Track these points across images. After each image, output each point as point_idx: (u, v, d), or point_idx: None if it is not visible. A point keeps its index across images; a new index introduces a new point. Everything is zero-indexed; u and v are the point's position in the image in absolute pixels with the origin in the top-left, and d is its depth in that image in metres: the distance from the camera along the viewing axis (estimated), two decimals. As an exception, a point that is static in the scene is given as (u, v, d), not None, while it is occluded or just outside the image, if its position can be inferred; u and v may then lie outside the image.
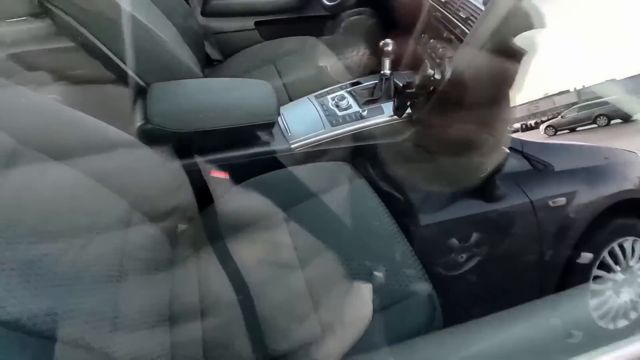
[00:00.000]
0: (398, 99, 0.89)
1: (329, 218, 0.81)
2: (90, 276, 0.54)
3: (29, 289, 0.44)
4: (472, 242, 0.99)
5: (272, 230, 0.79)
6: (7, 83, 0.60)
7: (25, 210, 0.50)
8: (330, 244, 0.75)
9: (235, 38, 1.53)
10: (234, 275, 0.71)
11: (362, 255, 0.72)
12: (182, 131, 0.82)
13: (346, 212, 0.81)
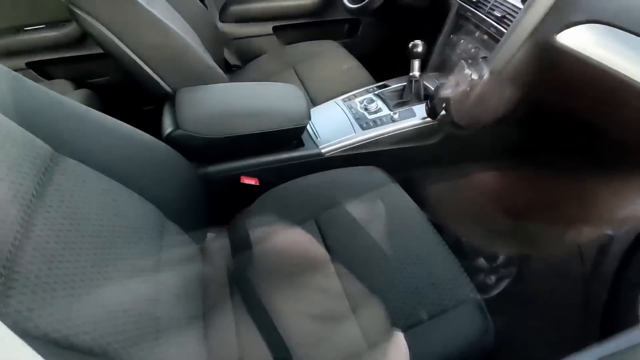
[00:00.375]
0: (432, 101, 0.86)
1: (363, 224, 0.78)
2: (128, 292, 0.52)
3: (74, 310, 0.42)
4: (502, 263, 0.95)
5: (307, 245, 0.75)
6: (43, 89, 0.58)
7: (68, 222, 0.47)
8: (365, 254, 0.71)
9: (253, 43, 1.52)
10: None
11: (407, 271, 0.68)
12: (213, 137, 0.80)
13: (382, 218, 0.78)
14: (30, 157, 0.47)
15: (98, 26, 0.79)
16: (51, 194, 0.47)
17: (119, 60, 0.85)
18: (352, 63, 1.30)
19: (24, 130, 0.50)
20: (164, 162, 0.71)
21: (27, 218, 0.43)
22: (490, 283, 0.87)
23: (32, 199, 0.45)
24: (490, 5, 0.92)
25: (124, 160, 0.63)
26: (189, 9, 1.13)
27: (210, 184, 0.85)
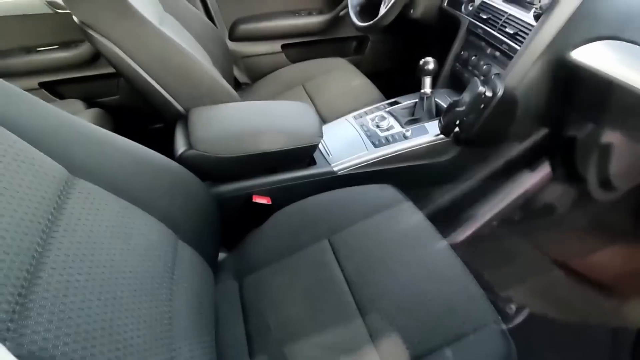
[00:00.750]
0: (445, 118, 0.85)
1: (377, 243, 0.76)
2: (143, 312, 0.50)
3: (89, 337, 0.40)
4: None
5: (319, 264, 0.74)
6: (56, 110, 0.58)
7: (82, 246, 0.46)
8: (380, 275, 0.70)
9: (262, 61, 1.54)
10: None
11: (425, 294, 0.66)
12: (225, 156, 0.80)
13: (396, 237, 0.77)
14: (47, 181, 0.47)
15: (111, 46, 0.79)
16: (67, 218, 0.47)
17: (131, 80, 0.85)
18: (361, 80, 1.30)
19: (39, 153, 0.49)
20: (176, 182, 0.70)
21: (42, 243, 0.42)
22: (511, 312, 0.84)
23: (48, 223, 0.44)
24: (502, 22, 0.92)
25: (136, 181, 0.63)
26: (199, 28, 1.14)
27: (222, 203, 0.84)
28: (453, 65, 1.11)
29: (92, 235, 0.49)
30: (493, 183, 1.02)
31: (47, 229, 0.43)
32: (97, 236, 0.50)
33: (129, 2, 0.76)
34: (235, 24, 1.48)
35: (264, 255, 0.78)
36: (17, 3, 1.22)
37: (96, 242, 0.49)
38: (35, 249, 0.41)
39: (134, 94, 1.00)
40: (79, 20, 0.77)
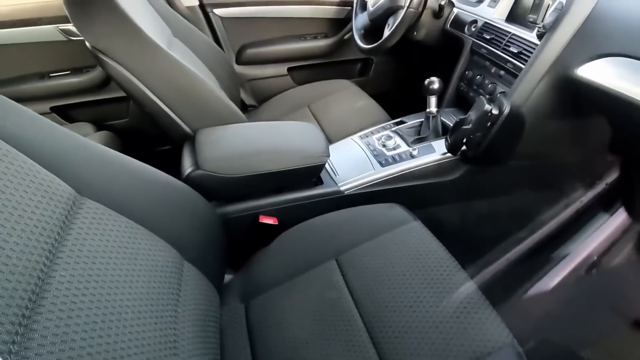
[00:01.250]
0: (452, 136, 0.85)
1: (386, 263, 0.75)
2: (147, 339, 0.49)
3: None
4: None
5: (327, 285, 0.72)
6: (67, 131, 0.58)
7: (88, 267, 0.46)
8: (389, 296, 0.68)
9: (269, 84, 1.56)
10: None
11: (435, 315, 0.64)
12: (232, 176, 0.80)
13: (405, 257, 0.75)
14: (55, 201, 0.47)
15: (122, 70, 0.81)
16: (73, 238, 0.46)
17: (141, 103, 0.86)
18: (366, 100, 1.31)
19: (48, 173, 0.49)
20: (183, 203, 0.70)
21: (48, 264, 0.41)
22: (527, 334, 0.81)
23: (55, 243, 0.44)
24: (506, 41, 0.93)
25: (144, 201, 0.63)
26: (206, 52, 1.17)
27: (228, 223, 0.84)
28: (458, 84, 1.12)
29: (98, 256, 0.49)
30: (502, 203, 1.01)
31: (54, 249, 0.43)
32: (102, 257, 0.49)
33: (140, 28, 0.79)
34: (242, 49, 1.52)
35: (271, 276, 0.76)
36: (32, 31, 1.26)
37: (102, 263, 0.49)
38: (41, 269, 0.40)
39: (143, 116, 1.02)
40: (92, 46, 0.79)
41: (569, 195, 0.99)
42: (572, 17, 0.76)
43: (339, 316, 0.66)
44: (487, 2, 1.06)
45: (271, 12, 1.49)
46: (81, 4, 0.76)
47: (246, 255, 0.84)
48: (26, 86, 1.31)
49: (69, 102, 1.37)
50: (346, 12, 1.52)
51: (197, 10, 1.40)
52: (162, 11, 1.05)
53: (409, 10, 1.02)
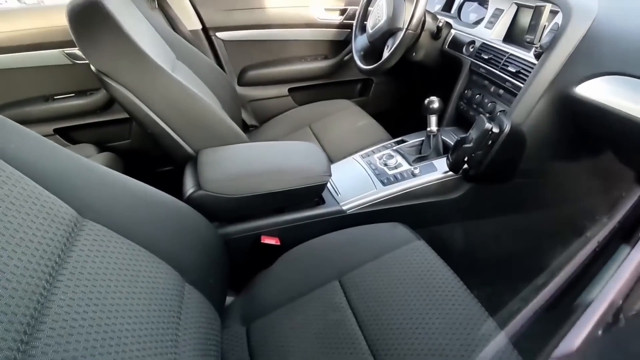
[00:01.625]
0: (454, 155, 0.85)
1: (389, 284, 0.74)
2: None
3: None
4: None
5: (330, 306, 0.71)
6: (69, 153, 0.59)
7: (88, 290, 0.45)
8: (394, 318, 0.67)
9: (270, 104, 1.58)
10: None
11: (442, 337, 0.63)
12: (234, 196, 0.79)
13: (409, 277, 0.74)
14: (56, 223, 0.47)
15: (126, 93, 0.82)
16: (74, 261, 0.46)
17: (143, 124, 0.87)
18: (367, 120, 1.32)
19: (50, 195, 0.49)
20: (185, 224, 0.69)
21: (48, 287, 0.41)
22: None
23: (55, 265, 0.43)
24: (504, 61, 0.94)
25: (145, 223, 0.62)
26: (209, 74, 1.18)
27: (230, 244, 0.83)
28: (458, 103, 1.13)
29: (98, 279, 0.48)
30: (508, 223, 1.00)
31: (54, 272, 0.43)
32: (103, 280, 0.49)
33: (145, 51, 0.80)
34: (243, 70, 1.54)
35: (273, 298, 0.75)
36: (38, 55, 1.28)
37: (102, 285, 0.48)
38: (40, 292, 0.40)
39: (145, 137, 1.03)
40: (96, 69, 0.81)
41: (578, 219, 0.98)
42: (568, 37, 0.78)
43: (342, 338, 0.65)
44: (484, 24, 1.08)
45: (272, 35, 1.52)
46: (87, 28, 0.78)
47: (248, 276, 0.83)
48: (30, 109, 1.33)
49: (72, 124, 1.39)
50: (345, 35, 1.55)
51: (200, 34, 1.43)
52: (166, 35, 1.07)
53: (407, 32, 1.05)
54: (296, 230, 0.88)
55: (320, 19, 1.52)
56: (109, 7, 0.78)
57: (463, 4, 1.24)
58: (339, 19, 1.53)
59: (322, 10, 1.51)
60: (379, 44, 1.20)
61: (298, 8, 1.49)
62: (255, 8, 1.47)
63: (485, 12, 1.10)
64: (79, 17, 0.78)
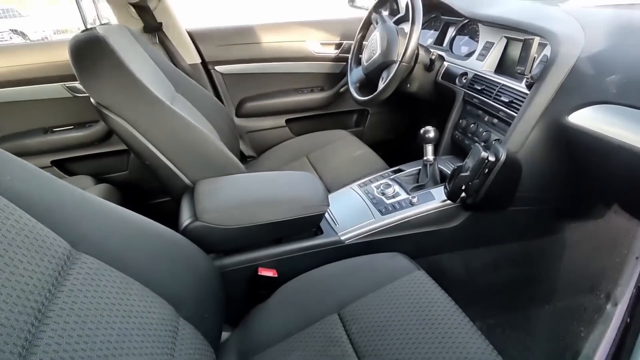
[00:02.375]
0: (451, 183, 0.85)
1: (390, 317, 0.72)
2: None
3: None
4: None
5: (329, 341, 0.69)
6: (65, 184, 0.58)
7: (79, 326, 0.44)
8: (395, 352, 0.64)
9: (267, 135, 1.60)
10: None
11: None
12: (231, 227, 0.79)
13: (410, 309, 0.72)
14: (48, 256, 0.46)
15: (125, 125, 0.83)
16: (65, 295, 0.44)
17: (141, 156, 0.87)
18: (363, 150, 1.34)
19: (43, 227, 0.49)
20: (181, 256, 0.68)
21: (37, 324, 0.39)
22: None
23: (45, 300, 0.42)
24: (496, 92, 0.96)
25: (140, 255, 0.61)
26: (207, 106, 1.20)
27: (226, 276, 0.81)
28: (453, 133, 1.14)
29: (90, 314, 0.46)
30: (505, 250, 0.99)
31: (43, 307, 0.41)
32: (94, 315, 0.47)
33: (145, 84, 0.82)
34: (242, 102, 1.57)
35: (270, 332, 0.73)
36: (38, 89, 1.31)
37: (93, 321, 0.46)
38: (29, 329, 0.38)
39: (143, 169, 1.03)
40: (96, 102, 0.82)
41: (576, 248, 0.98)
42: (558, 69, 0.80)
43: None
44: (475, 56, 1.11)
45: (269, 68, 1.56)
46: (89, 62, 0.79)
47: (244, 310, 0.81)
48: (29, 141, 1.34)
49: (69, 155, 1.39)
50: (341, 67, 1.59)
51: (200, 67, 1.47)
52: (165, 69, 1.10)
53: (401, 64, 1.07)
54: (294, 261, 0.86)
55: (317, 53, 1.56)
56: (111, 42, 0.80)
57: (454, 38, 1.28)
58: (334, 53, 1.58)
59: (318, 44, 1.56)
60: (374, 76, 1.23)
61: (294, 43, 1.54)
62: (253, 43, 1.51)
63: (476, 45, 1.14)
64: (81, 52, 0.80)
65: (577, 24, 0.85)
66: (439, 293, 0.74)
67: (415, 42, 1.05)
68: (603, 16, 0.90)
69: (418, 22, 1.04)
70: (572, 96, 0.78)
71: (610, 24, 0.84)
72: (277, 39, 1.53)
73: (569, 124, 0.77)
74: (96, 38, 0.80)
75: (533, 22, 0.90)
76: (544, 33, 0.86)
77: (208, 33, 1.50)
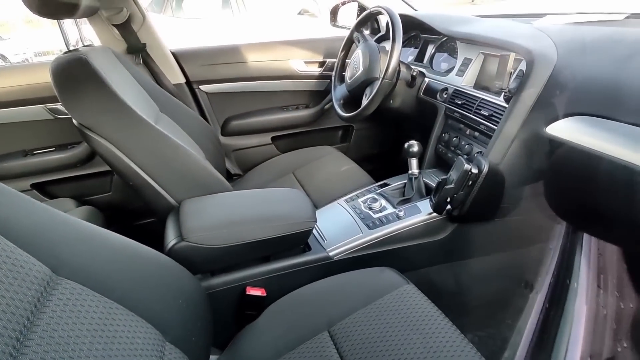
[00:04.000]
0: (436, 196, 0.86)
1: (381, 332, 0.71)
2: None
3: None
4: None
5: (320, 358, 0.68)
6: (46, 208, 0.57)
7: (59, 355, 0.42)
8: None
9: (253, 153, 1.60)
10: None
11: None
12: (218, 246, 0.77)
13: (401, 323, 0.72)
14: (27, 282, 0.44)
15: (108, 146, 0.82)
16: (44, 322, 0.43)
17: (125, 176, 0.86)
18: (349, 165, 1.35)
19: (22, 253, 0.47)
20: (166, 278, 0.67)
21: (15, 353, 0.38)
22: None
23: (24, 329, 0.40)
24: (476, 106, 0.99)
25: (124, 278, 0.60)
26: (192, 125, 1.20)
27: (213, 297, 0.79)
28: (436, 146, 1.16)
29: (70, 342, 0.45)
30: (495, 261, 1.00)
31: (22, 336, 0.40)
32: (75, 343, 0.45)
33: (128, 104, 0.81)
34: (227, 121, 1.57)
35: (259, 354, 0.71)
36: (19, 111, 1.28)
37: (74, 350, 0.44)
38: (6, 359, 0.36)
39: (126, 189, 1.01)
40: (78, 123, 0.81)
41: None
42: (533, 83, 0.83)
43: None
44: (454, 72, 1.15)
45: (254, 87, 1.57)
46: (72, 83, 0.79)
47: (232, 332, 0.79)
48: (8, 164, 1.30)
49: (50, 178, 1.36)
50: (325, 85, 1.62)
51: (184, 87, 1.47)
52: (149, 89, 1.10)
53: (384, 81, 1.10)
54: (282, 279, 0.85)
55: (301, 71, 1.58)
56: (94, 63, 0.80)
57: (434, 55, 1.32)
58: (318, 71, 1.60)
59: (302, 63, 1.58)
60: (357, 92, 1.25)
61: (279, 61, 1.56)
62: (237, 62, 1.53)
63: (455, 62, 1.17)
64: (63, 73, 0.79)
65: (549, 41, 0.88)
66: (429, 306, 0.74)
67: (396, 59, 1.08)
68: (574, 33, 0.94)
69: (399, 40, 1.07)
70: (549, 108, 0.80)
71: (581, 40, 0.88)
72: (261, 58, 1.55)
73: (548, 136, 0.79)
74: (79, 59, 0.79)
75: (508, 40, 0.94)
76: (519, 49, 0.89)
77: (192, 53, 1.51)
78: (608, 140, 0.67)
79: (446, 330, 0.68)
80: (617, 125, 0.68)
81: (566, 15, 1.20)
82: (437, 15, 1.31)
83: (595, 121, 0.71)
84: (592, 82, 0.75)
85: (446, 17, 1.28)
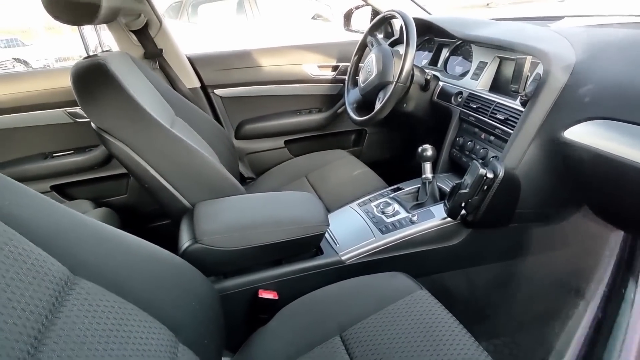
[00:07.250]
0: (450, 201, 0.85)
1: (394, 338, 0.70)
2: None
3: None
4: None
5: None
6: (65, 209, 0.58)
7: (75, 354, 0.43)
8: None
9: (266, 156, 1.61)
10: None
11: None
12: (231, 249, 0.78)
13: (414, 330, 0.71)
14: (46, 282, 0.45)
15: (125, 149, 0.84)
16: (62, 322, 0.44)
17: (141, 179, 0.88)
18: (362, 169, 1.34)
19: (42, 252, 0.48)
20: (180, 279, 0.67)
21: (33, 351, 0.38)
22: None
23: (42, 327, 0.41)
24: (492, 110, 0.97)
25: (139, 279, 0.61)
26: (207, 129, 1.22)
27: (226, 300, 0.80)
28: (450, 150, 1.15)
29: (87, 341, 0.45)
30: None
31: (40, 334, 0.40)
32: (92, 342, 0.46)
33: (145, 109, 0.83)
34: (240, 124, 1.59)
35: (271, 357, 0.71)
36: (39, 115, 1.32)
37: (90, 349, 0.45)
38: (25, 358, 0.37)
39: (142, 192, 1.03)
40: (97, 127, 0.82)
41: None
42: (550, 86, 0.81)
43: None
44: (469, 75, 1.14)
45: (268, 91, 1.58)
46: (91, 88, 0.81)
47: (244, 334, 0.79)
48: (29, 166, 1.34)
49: (69, 180, 1.39)
50: (338, 89, 1.62)
51: (199, 91, 1.49)
52: (165, 93, 1.12)
53: (397, 84, 1.09)
54: (294, 282, 0.85)
55: (314, 75, 1.59)
56: (112, 68, 0.82)
57: (448, 58, 1.31)
58: (331, 75, 1.61)
59: (315, 67, 1.59)
60: (370, 96, 1.25)
61: (292, 66, 1.57)
62: (251, 67, 1.54)
63: (470, 65, 1.16)
64: (83, 78, 0.81)
65: (567, 43, 0.87)
66: (442, 312, 0.72)
67: (410, 63, 1.07)
68: (592, 35, 0.92)
69: (412, 43, 1.07)
70: (566, 112, 0.79)
71: (599, 42, 0.86)
72: (275, 63, 1.56)
73: (565, 140, 0.77)
74: (98, 64, 0.81)
75: (524, 42, 0.93)
76: (536, 52, 0.87)
77: (207, 58, 1.53)
78: (631, 145, 0.65)
79: (460, 337, 0.67)
80: (639, 130, 0.66)
81: (585, 17, 1.18)
82: (451, 18, 1.30)
83: (616, 125, 0.69)
84: (611, 85, 0.73)
85: (461, 20, 1.27)
